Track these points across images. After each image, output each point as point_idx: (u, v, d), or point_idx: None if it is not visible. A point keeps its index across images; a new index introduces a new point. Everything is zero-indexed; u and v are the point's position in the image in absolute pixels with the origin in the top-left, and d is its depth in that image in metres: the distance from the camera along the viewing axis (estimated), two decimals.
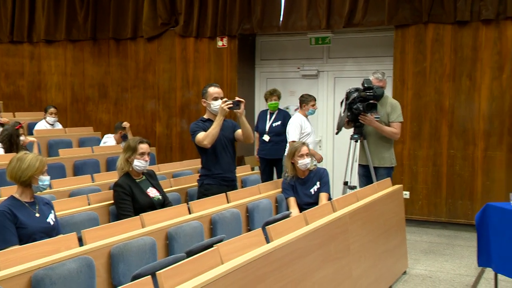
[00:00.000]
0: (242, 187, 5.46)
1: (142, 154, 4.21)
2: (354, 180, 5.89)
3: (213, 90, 4.64)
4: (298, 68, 8.07)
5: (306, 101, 6.42)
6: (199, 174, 4.83)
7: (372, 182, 5.29)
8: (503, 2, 6.41)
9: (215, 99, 4.60)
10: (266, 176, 6.92)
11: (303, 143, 4.92)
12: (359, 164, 5.82)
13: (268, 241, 3.05)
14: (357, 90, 5.52)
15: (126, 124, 7.32)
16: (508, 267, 4.24)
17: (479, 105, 6.65)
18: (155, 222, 3.52)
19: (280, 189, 4.98)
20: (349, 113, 5.52)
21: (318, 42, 7.79)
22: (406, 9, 6.90)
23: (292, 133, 6.27)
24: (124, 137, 7.05)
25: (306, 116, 6.42)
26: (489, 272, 4.61)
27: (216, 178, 4.66)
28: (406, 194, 6.92)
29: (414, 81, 6.96)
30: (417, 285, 4.80)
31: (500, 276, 4.41)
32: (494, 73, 6.54)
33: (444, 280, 4.92)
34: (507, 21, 6.43)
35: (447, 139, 6.81)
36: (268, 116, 7.14)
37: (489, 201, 4.71)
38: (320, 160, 6.45)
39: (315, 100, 6.50)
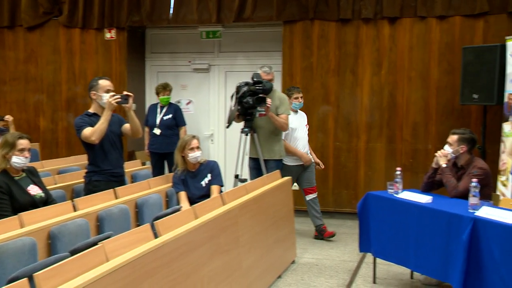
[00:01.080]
0: (132, 182, 5.36)
1: (22, 150, 3.99)
2: (245, 173, 6.01)
3: (105, 82, 4.51)
4: (189, 62, 8.04)
5: (289, 94, 6.07)
6: (86, 170, 4.67)
7: (262, 175, 5.43)
8: (380, 2, 6.83)
9: (108, 91, 4.46)
10: (157, 171, 6.84)
11: (193, 136, 4.93)
12: (249, 157, 5.94)
13: (156, 236, 3.03)
14: (247, 84, 5.62)
15: (8, 117, 6.89)
16: (385, 251, 4.56)
17: (361, 99, 7.04)
18: (36, 221, 3.35)
19: (171, 184, 4.95)
20: (239, 107, 5.61)
21: (209, 36, 7.81)
22: (293, 6, 7.12)
23: None
24: (1, 131, 6.59)
25: (294, 111, 6.12)
26: (370, 257, 4.90)
27: (105, 174, 4.53)
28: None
29: (302, 76, 7.21)
30: (304, 273, 5.00)
31: (378, 260, 4.72)
32: (374, 69, 6.95)
33: (330, 267, 5.18)
34: (383, 20, 6.86)
35: (333, 132, 7.14)
36: (159, 110, 7.05)
37: (371, 190, 5.01)
38: (307, 163, 6.13)
39: (298, 92, 6.12)
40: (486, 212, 3.73)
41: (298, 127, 6.09)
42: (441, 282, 4.49)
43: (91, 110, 4.55)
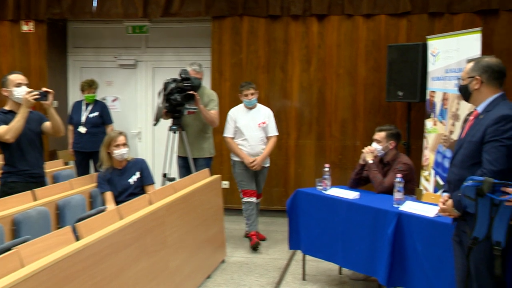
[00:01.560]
0: (54, 183, 5.18)
1: None
2: (174, 172, 5.96)
3: (15, 76, 4.32)
4: (115, 57, 7.87)
5: (240, 90, 5.87)
6: (1, 171, 4.46)
7: (191, 173, 5.41)
8: (308, 0, 6.96)
9: (18, 85, 4.27)
10: (82, 171, 6.66)
11: (120, 132, 4.84)
12: (178, 156, 5.90)
13: (78, 239, 2.94)
14: (174, 80, 5.58)
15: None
16: (314, 248, 4.66)
17: (291, 96, 7.15)
18: None
19: (95, 184, 4.83)
20: (167, 104, 5.56)
21: (135, 31, 7.68)
22: (222, 1, 7.12)
23: (225, 128, 5.94)
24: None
25: (249, 108, 5.86)
26: (300, 254, 4.99)
27: (22, 175, 4.35)
28: (226, 184, 7.17)
29: (232, 72, 7.23)
30: (234, 272, 5.03)
31: (308, 257, 4.82)
32: (303, 66, 7.08)
33: (260, 265, 5.23)
34: (312, 17, 6.99)
35: None
36: (84, 107, 6.85)
37: (301, 187, 5.10)
38: (251, 166, 5.79)
39: (248, 88, 5.77)
40: (409, 206, 3.90)
41: (246, 126, 5.80)
42: (368, 277, 4.64)
43: (6, 107, 4.35)
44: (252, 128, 5.82)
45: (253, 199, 5.85)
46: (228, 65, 7.23)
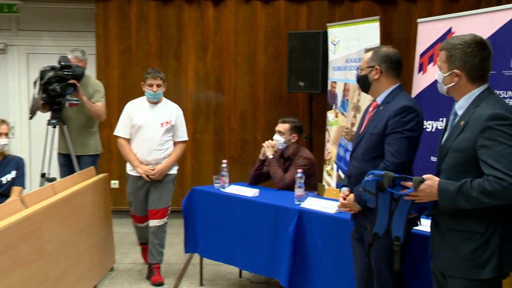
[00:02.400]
0: None
1: None
2: (55, 172, 5.72)
3: None
4: None
5: (144, 78, 5.06)
6: None
7: (74, 172, 5.22)
8: None
9: None
10: None
11: (3, 121, 4.61)
12: (59, 153, 5.68)
13: None
14: (53, 68, 5.34)
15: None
16: (213, 250, 4.68)
17: (186, 86, 7.12)
18: None
19: None
20: (44, 95, 5.31)
21: (3, 10, 7.27)
22: None
23: (118, 125, 5.13)
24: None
25: (152, 102, 5.04)
26: (197, 258, 4.99)
27: None
28: (115, 183, 7.02)
29: (120, 60, 7.07)
30: (124, 280, 4.94)
31: (206, 260, 4.83)
32: (198, 54, 7.06)
33: None
34: (207, 1, 7.00)
35: None
36: None
37: (198, 185, 5.10)
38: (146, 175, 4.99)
39: (155, 77, 4.95)
40: (311, 203, 4.02)
41: (146, 125, 4.96)
42: (269, 279, 4.74)
43: None
44: (152, 127, 4.97)
45: (143, 224, 5.17)
46: (116, 52, 7.06)
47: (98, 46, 7.06)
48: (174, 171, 5.17)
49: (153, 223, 4.99)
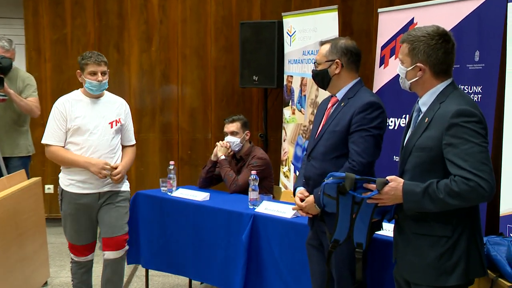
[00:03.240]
0: None
1: None
2: None
3: None
4: None
5: (81, 66, 4.17)
6: None
7: (2, 176, 5.10)
8: None
9: None
10: None
11: None
12: None
13: None
14: None
15: None
16: (159, 261, 4.64)
17: (129, 81, 7.04)
18: None
19: None
20: None
21: None
22: None
23: (46, 130, 4.32)
24: None
25: (94, 97, 4.22)
26: (142, 269, 4.93)
27: None
28: (50, 188, 6.89)
29: (54, 51, 6.94)
30: None
31: (153, 272, 4.77)
32: (142, 45, 6.99)
33: (93, 286, 5.06)
34: None
35: None
36: None
37: (144, 189, 5.05)
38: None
39: (98, 63, 4.10)
40: (266, 207, 4.02)
41: (91, 126, 4.14)
42: None
43: None
44: (99, 129, 4.15)
45: (87, 258, 4.41)
46: (49, 42, 6.92)
47: (28, 35, 6.92)
48: (127, 187, 4.33)
49: (109, 255, 4.15)
